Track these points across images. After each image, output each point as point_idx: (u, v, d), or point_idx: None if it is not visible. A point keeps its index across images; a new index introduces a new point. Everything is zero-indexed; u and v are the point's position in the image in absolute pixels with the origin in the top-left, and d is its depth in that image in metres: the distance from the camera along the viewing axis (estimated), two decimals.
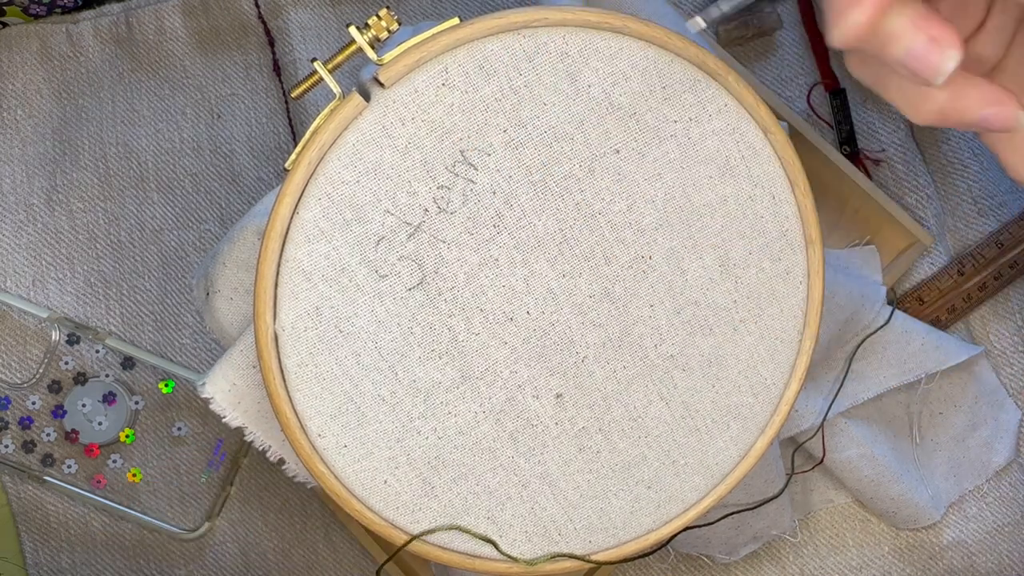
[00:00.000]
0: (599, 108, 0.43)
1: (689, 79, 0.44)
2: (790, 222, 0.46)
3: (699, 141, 0.44)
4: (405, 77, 0.42)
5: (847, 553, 0.69)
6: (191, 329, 0.71)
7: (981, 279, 0.68)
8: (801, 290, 0.46)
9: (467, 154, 0.43)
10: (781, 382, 0.47)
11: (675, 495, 0.47)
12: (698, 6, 0.73)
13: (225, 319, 0.53)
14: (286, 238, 0.43)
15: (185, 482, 0.69)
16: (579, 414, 0.45)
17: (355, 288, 0.43)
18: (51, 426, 0.68)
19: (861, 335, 0.64)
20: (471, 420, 0.45)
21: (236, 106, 0.73)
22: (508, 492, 0.45)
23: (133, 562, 0.69)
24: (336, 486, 0.44)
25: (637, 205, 0.44)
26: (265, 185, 0.72)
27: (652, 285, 0.45)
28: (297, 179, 0.42)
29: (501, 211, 0.43)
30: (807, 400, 0.63)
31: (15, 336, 0.70)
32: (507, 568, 0.46)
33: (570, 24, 0.43)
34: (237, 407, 0.50)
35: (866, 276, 0.65)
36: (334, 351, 0.43)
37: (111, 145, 0.72)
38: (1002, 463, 0.68)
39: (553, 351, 0.45)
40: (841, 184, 0.68)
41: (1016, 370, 0.69)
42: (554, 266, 0.44)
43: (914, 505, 0.66)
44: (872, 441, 0.65)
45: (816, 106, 0.70)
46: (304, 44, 0.72)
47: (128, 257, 0.71)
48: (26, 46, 0.73)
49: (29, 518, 0.69)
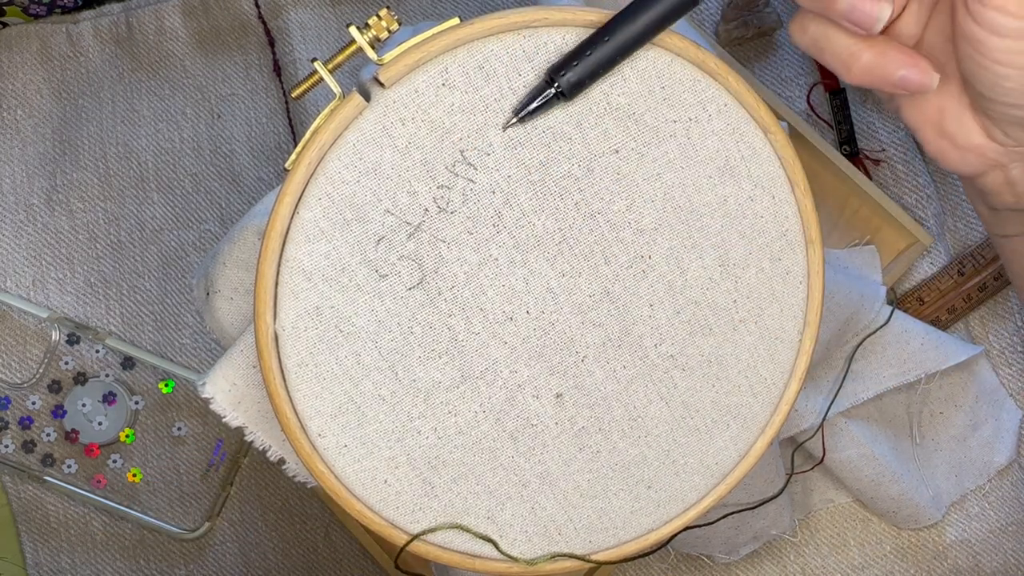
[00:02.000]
0: (598, 108, 0.43)
1: (689, 79, 0.44)
2: (790, 222, 0.46)
3: (699, 141, 0.44)
4: (405, 77, 0.42)
5: (848, 552, 0.69)
6: (191, 329, 0.71)
7: (981, 279, 0.68)
8: (801, 290, 0.46)
9: (467, 154, 0.43)
10: (781, 382, 0.47)
11: (675, 495, 0.47)
12: (698, 6, 0.73)
13: (225, 319, 0.53)
14: (286, 238, 0.43)
15: (185, 482, 0.69)
16: (579, 414, 0.45)
17: (355, 288, 0.43)
18: (51, 426, 0.68)
19: (861, 335, 0.64)
20: (471, 420, 0.45)
21: (236, 106, 0.73)
22: (508, 492, 0.45)
23: (133, 562, 0.69)
24: (336, 486, 0.44)
25: (636, 205, 0.44)
26: (265, 185, 0.72)
27: (652, 285, 0.45)
28: (297, 179, 0.42)
29: (501, 211, 0.44)
30: (807, 400, 0.63)
31: (15, 336, 0.70)
32: (507, 568, 0.46)
33: (570, 24, 0.43)
34: (237, 407, 0.50)
35: (866, 276, 0.65)
36: (334, 351, 0.43)
37: (111, 145, 0.72)
38: (1003, 463, 0.68)
39: (553, 351, 0.45)
40: (841, 184, 0.68)
41: (1016, 370, 0.69)
42: (554, 265, 0.44)
43: (915, 505, 0.66)
44: (872, 441, 0.65)
45: (816, 106, 0.70)
46: (304, 44, 0.72)
47: (128, 257, 0.71)
48: (26, 46, 0.73)
49: (29, 518, 0.69)
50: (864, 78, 0.43)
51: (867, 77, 0.43)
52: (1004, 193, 0.46)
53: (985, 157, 0.45)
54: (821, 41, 0.43)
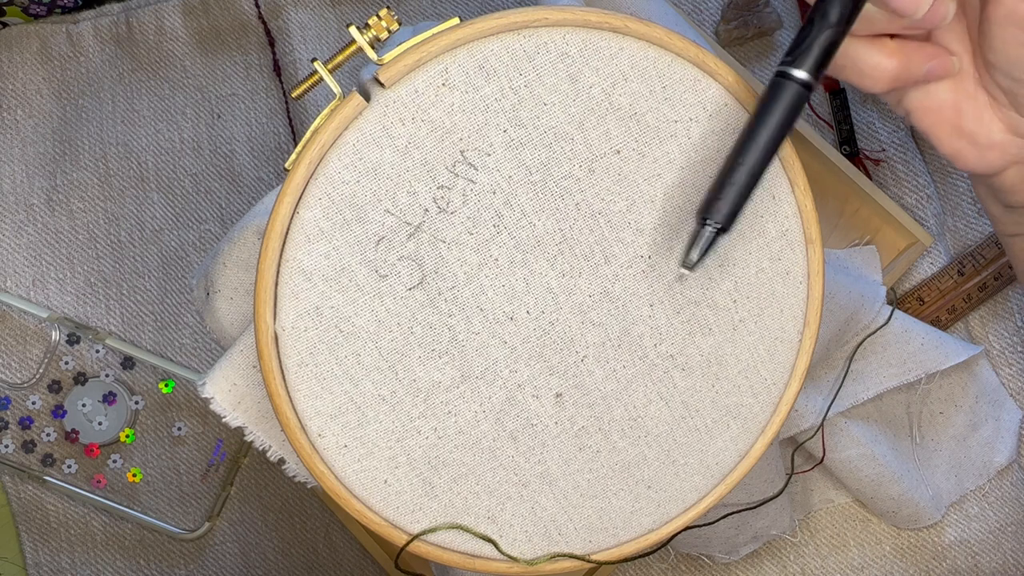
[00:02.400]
0: (599, 108, 0.43)
1: (689, 79, 0.44)
2: (790, 222, 0.46)
3: (699, 141, 0.44)
4: (405, 77, 0.42)
5: (848, 552, 0.69)
6: (191, 329, 0.71)
7: (981, 279, 0.68)
8: (801, 290, 0.46)
9: (467, 154, 0.43)
10: (781, 382, 0.47)
11: (675, 495, 0.47)
12: (698, 6, 0.73)
13: (225, 319, 0.53)
14: (286, 238, 0.43)
15: (185, 482, 0.69)
16: (579, 413, 0.45)
17: (355, 288, 0.43)
18: (51, 426, 0.68)
19: (861, 335, 0.64)
20: (471, 419, 0.45)
21: (236, 106, 0.73)
22: (508, 492, 0.45)
23: (133, 562, 0.69)
24: (336, 486, 0.44)
25: (637, 205, 0.44)
26: (265, 185, 0.72)
27: (651, 284, 0.45)
28: (297, 179, 0.42)
29: (501, 211, 0.44)
30: (807, 400, 0.63)
31: (15, 336, 0.70)
32: (507, 568, 0.46)
33: (570, 24, 0.43)
34: (237, 407, 0.50)
35: (866, 276, 0.65)
36: (334, 351, 0.43)
37: (111, 145, 0.72)
38: (1003, 463, 0.68)
39: (553, 350, 0.45)
40: (841, 184, 0.68)
41: (1016, 370, 0.69)
42: (554, 266, 0.44)
43: (915, 505, 0.66)
44: (872, 441, 0.65)
45: (816, 106, 0.70)
46: (304, 44, 0.72)
47: (128, 257, 0.71)
48: (26, 46, 0.73)
49: (29, 518, 0.69)
50: (892, 86, 0.43)
51: (895, 84, 0.43)
52: (1022, 191, 0.46)
53: (1006, 153, 0.44)
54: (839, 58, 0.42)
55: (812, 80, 0.40)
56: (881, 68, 0.42)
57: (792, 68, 0.40)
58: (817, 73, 0.40)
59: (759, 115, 0.41)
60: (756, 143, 0.40)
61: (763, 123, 0.40)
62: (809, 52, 0.40)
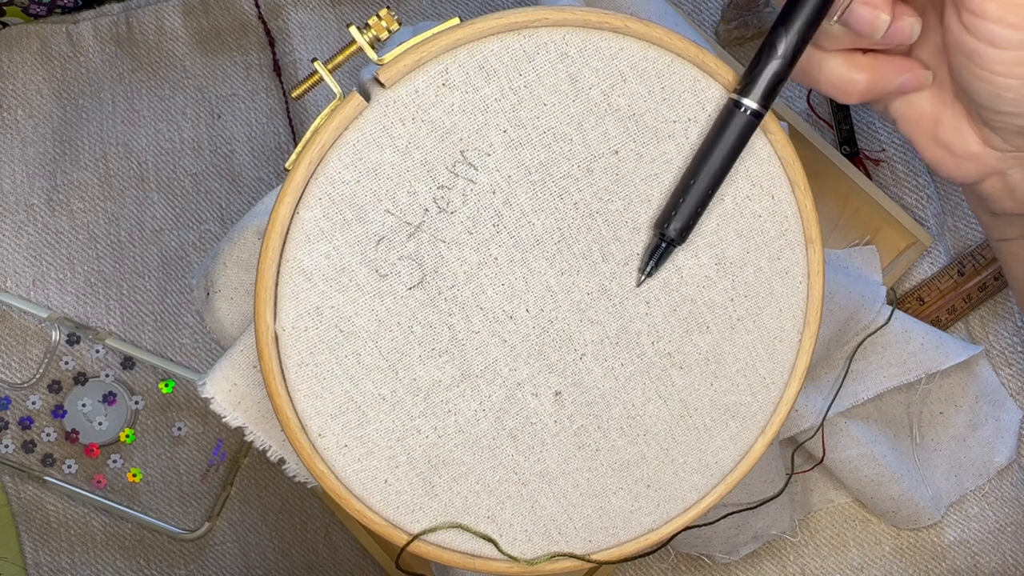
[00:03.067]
0: (599, 109, 0.44)
1: (689, 79, 0.44)
2: (789, 222, 0.46)
3: (698, 141, 0.44)
4: (405, 77, 0.42)
5: (848, 553, 0.69)
6: (191, 329, 0.71)
7: (981, 279, 0.68)
8: (801, 289, 0.46)
9: (467, 154, 0.43)
10: (781, 381, 0.47)
11: (675, 494, 0.47)
12: (698, 6, 0.73)
13: (225, 319, 0.54)
14: (286, 238, 0.43)
15: (185, 482, 0.69)
16: (578, 412, 0.45)
17: (355, 288, 0.43)
18: (51, 426, 0.68)
19: (861, 335, 0.64)
20: (471, 418, 0.45)
21: (236, 106, 0.73)
22: (508, 491, 0.45)
23: (133, 562, 0.69)
24: (336, 486, 0.44)
25: (634, 204, 0.44)
26: (265, 185, 0.72)
27: (648, 282, 0.45)
28: (297, 179, 0.42)
29: (501, 211, 0.44)
30: (807, 400, 0.63)
31: (15, 336, 0.70)
32: (507, 568, 0.46)
33: (570, 24, 0.43)
34: (237, 407, 0.50)
35: (866, 276, 0.65)
36: (335, 351, 0.43)
37: (111, 145, 0.72)
38: (1003, 463, 0.68)
39: (552, 349, 0.45)
40: (841, 184, 0.68)
41: (1016, 370, 0.69)
42: (552, 264, 0.44)
43: (914, 505, 0.66)
44: (872, 441, 0.65)
45: (816, 106, 0.71)
46: (304, 44, 0.72)
47: (128, 257, 0.72)
48: (26, 46, 0.73)
49: (29, 518, 0.69)
50: (864, 98, 0.45)
51: (866, 97, 0.44)
52: (1003, 199, 0.46)
53: (983, 164, 0.45)
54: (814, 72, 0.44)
55: (761, 109, 0.43)
56: (852, 82, 0.44)
57: (743, 97, 0.43)
58: (766, 102, 0.43)
59: (712, 140, 0.43)
60: (708, 166, 0.43)
61: (715, 147, 0.43)
62: (757, 83, 0.42)
